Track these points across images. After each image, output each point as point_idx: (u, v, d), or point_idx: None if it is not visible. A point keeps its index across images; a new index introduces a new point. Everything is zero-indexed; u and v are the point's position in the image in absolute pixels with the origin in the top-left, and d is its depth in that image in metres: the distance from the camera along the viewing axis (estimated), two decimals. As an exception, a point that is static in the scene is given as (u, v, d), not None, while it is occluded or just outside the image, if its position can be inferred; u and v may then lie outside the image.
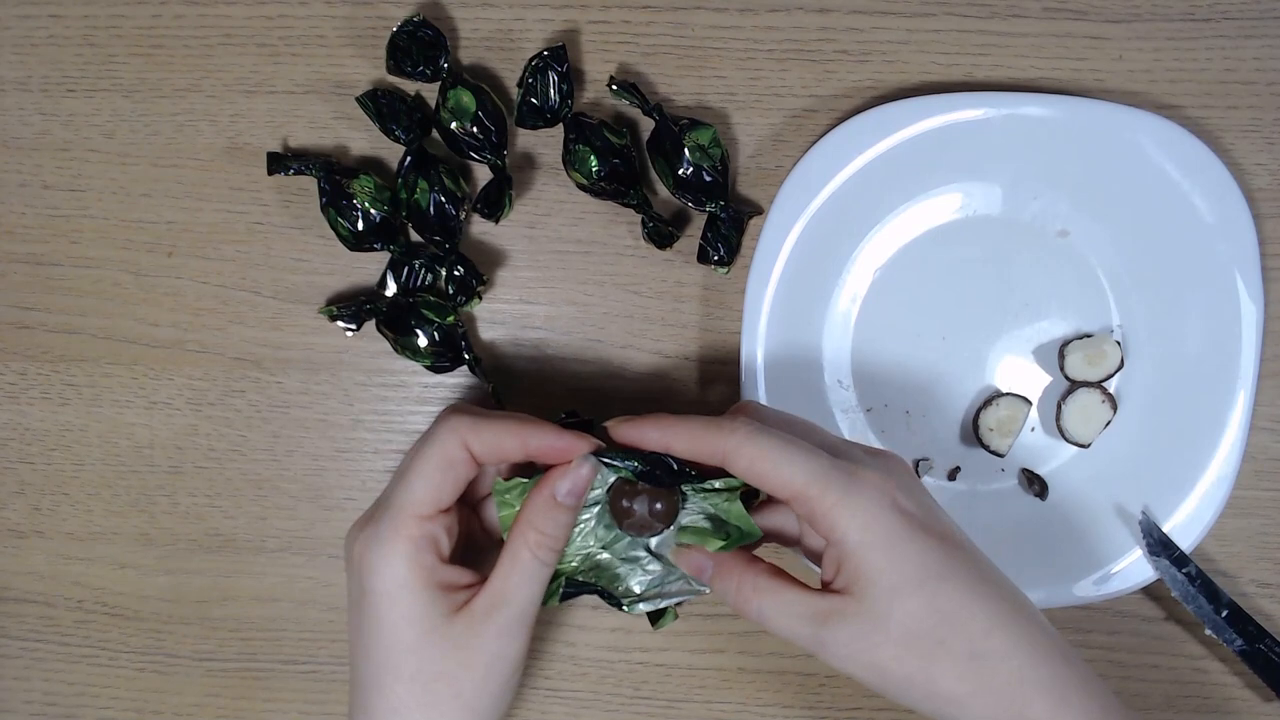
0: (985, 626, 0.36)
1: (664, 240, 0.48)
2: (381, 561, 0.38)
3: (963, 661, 0.36)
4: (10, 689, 0.53)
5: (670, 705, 0.51)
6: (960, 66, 0.49)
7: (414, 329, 0.48)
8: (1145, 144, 0.46)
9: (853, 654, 0.36)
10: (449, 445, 0.39)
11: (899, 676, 0.36)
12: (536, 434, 0.39)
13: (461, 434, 0.39)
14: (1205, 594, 0.47)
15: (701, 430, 0.38)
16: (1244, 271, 0.47)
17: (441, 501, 0.39)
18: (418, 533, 0.38)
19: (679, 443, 0.39)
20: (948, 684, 0.36)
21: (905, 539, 0.36)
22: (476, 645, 0.38)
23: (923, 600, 0.36)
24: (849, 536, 0.36)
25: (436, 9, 0.50)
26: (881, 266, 0.49)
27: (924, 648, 0.36)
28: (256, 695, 0.52)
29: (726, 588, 0.39)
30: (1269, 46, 0.48)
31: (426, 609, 0.38)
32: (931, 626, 0.36)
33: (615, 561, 0.42)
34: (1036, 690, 0.35)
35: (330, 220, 0.48)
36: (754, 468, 0.37)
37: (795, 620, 0.37)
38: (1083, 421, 0.48)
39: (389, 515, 0.38)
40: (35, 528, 0.52)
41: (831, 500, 0.36)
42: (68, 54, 0.51)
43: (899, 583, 0.36)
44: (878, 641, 0.36)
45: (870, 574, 0.36)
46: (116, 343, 0.51)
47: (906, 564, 0.36)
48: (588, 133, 0.47)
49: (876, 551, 0.36)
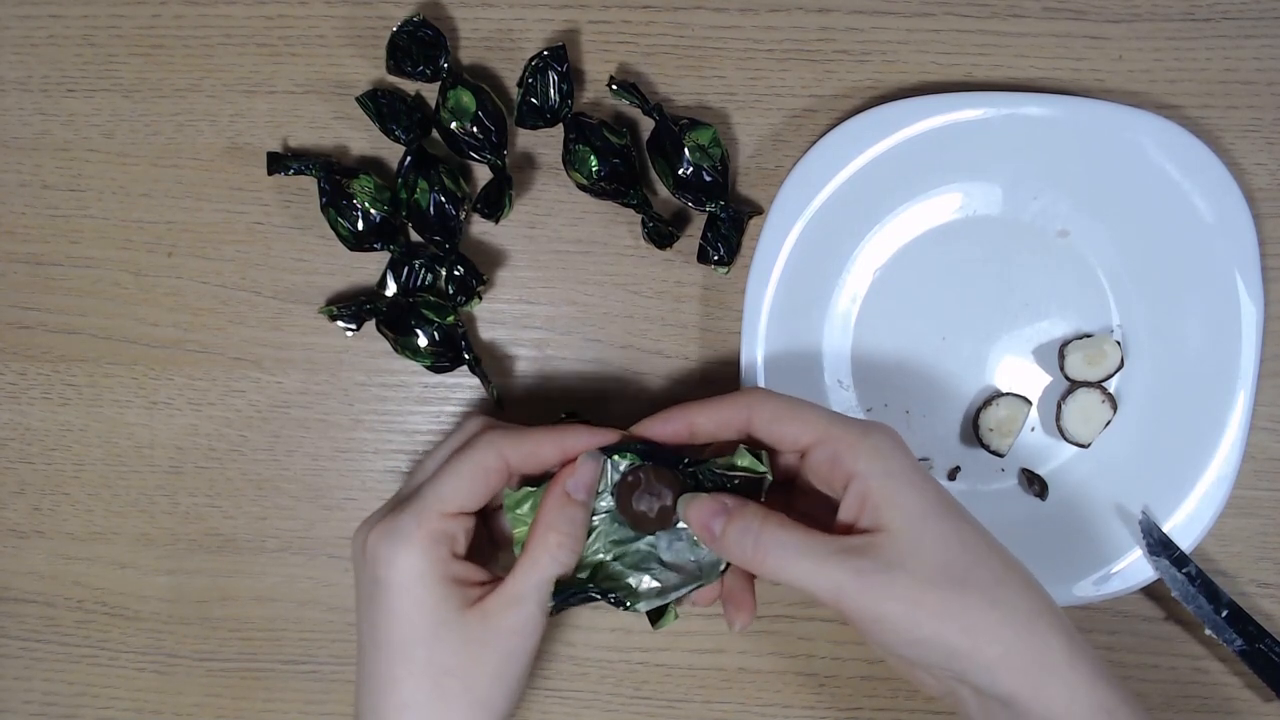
0: (1002, 562, 0.37)
1: (664, 240, 0.48)
2: (397, 553, 0.38)
3: (991, 589, 0.36)
4: (10, 689, 0.53)
5: (670, 705, 0.51)
6: (960, 66, 0.49)
7: (414, 329, 0.48)
8: (1145, 144, 0.46)
9: (886, 586, 0.35)
10: (487, 455, 0.39)
11: (931, 604, 0.35)
12: (572, 437, 0.41)
13: (500, 447, 0.39)
14: (1205, 594, 0.47)
15: (722, 400, 0.40)
16: (1244, 271, 0.47)
17: (468, 505, 0.39)
18: (438, 527, 0.38)
19: (703, 418, 0.40)
20: (979, 610, 0.36)
21: (922, 475, 0.38)
22: (490, 641, 0.38)
23: (951, 528, 0.37)
24: (874, 465, 0.37)
25: (436, 9, 0.50)
26: (881, 266, 0.49)
27: (955, 572, 0.36)
28: (256, 695, 0.52)
29: (742, 539, 0.38)
30: (1269, 46, 0.48)
31: (440, 601, 0.38)
32: (960, 553, 0.36)
33: (625, 571, 0.42)
34: (1050, 627, 0.36)
35: (330, 220, 0.48)
36: (777, 420, 0.39)
37: (825, 559, 0.36)
38: (1083, 421, 0.48)
39: (410, 509, 0.39)
40: (35, 528, 0.52)
41: (853, 438, 0.38)
42: (68, 54, 0.51)
43: (926, 509, 0.37)
44: (913, 567, 0.36)
45: (898, 501, 0.37)
46: (116, 343, 0.51)
47: (929, 494, 0.37)
48: (588, 133, 0.47)
49: (900, 481, 0.37)
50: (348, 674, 0.52)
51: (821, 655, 0.51)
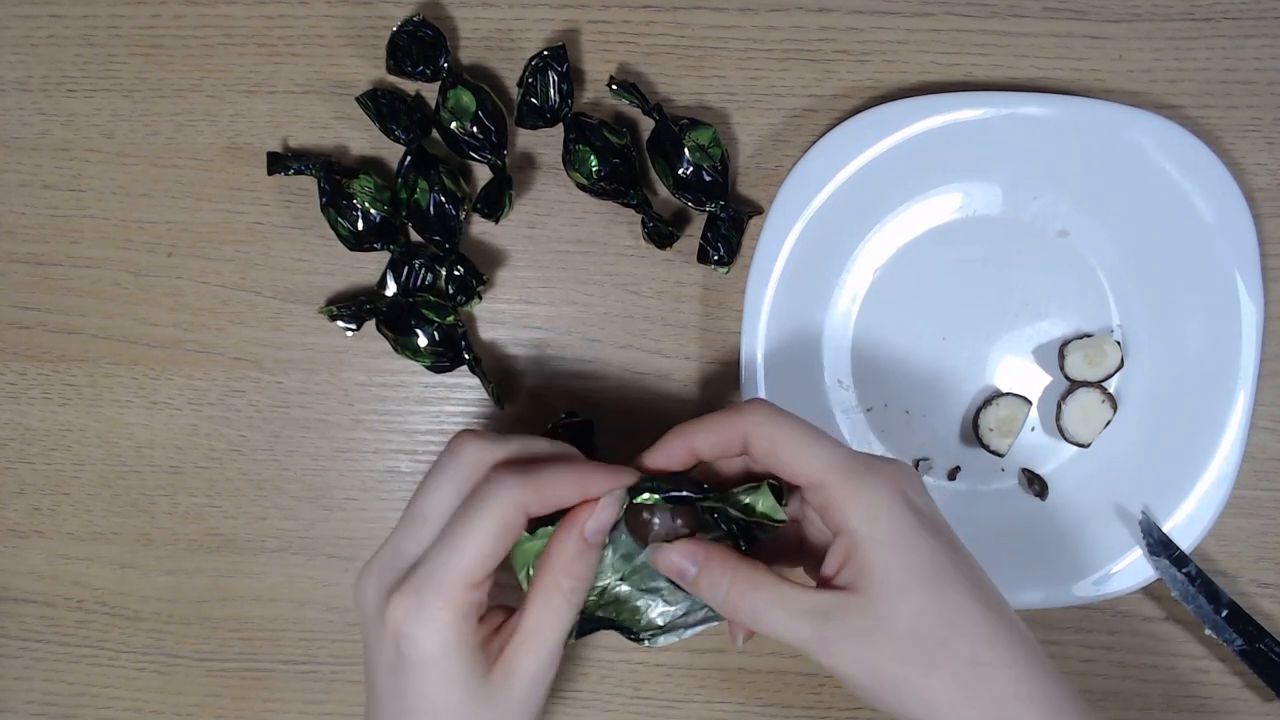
0: (986, 634, 0.35)
1: (664, 240, 0.48)
2: (426, 633, 0.36)
3: (963, 667, 0.35)
4: (10, 689, 0.53)
5: (670, 705, 0.51)
6: (960, 66, 0.49)
7: (414, 329, 0.48)
8: (1145, 144, 0.46)
9: (852, 651, 0.35)
10: (509, 512, 0.36)
11: (895, 677, 0.35)
12: (595, 480, 0.38)
13: (520, 501, 0.36)
14: (1205, 594, 0.47)
15: (720, 421, 0.38)
16: (1244, 271, 0.47)
17: (492, 568, 0.37)
18: (464, 601, 0.36)
19: (701, 441, 0.39)
20: (943, 689, 0.35)
21: (916, 535, 0.36)
22: (515, 694, 0.37)
23: (930, 599, 0.35)
24: (862, 528, 0.36)
25: (436, 9, 0.50)
26: (881, 266, 0.49)
27: (926, 648, 0.35)
28: (256, 695, 0.52)
29: (716, 585, 0.37)
30: (1269, 46, 0.48)
31: (468, 673, 0.36)
32: (936, 627, 0.35)
33: (635, 593, 0.41)
34: (1029, 706, 0.35)
35: (330, 220, 0.48)
36: (774, 450, 0.37)
37: (793, 617, 0.36)
38: (1083, 421, 0.48)
39: (434, 584, 0.36)
40: (35, 528, 0.52)
41: (848, 489, 0.36)
42: (68, 54, 0.51)
43: (908, 579, 0.35)
44: (880, 639, 0.35)
45: (879, 568, 0.35)
46: (116, 343, 0.51)
47: (916, 560, 0.36)
48: (588, 133, 0.47)
49: (887, 546, 0.35)
50: (348, 674, 0.52)
51: (821, 655, 0.51)
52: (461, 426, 0.51)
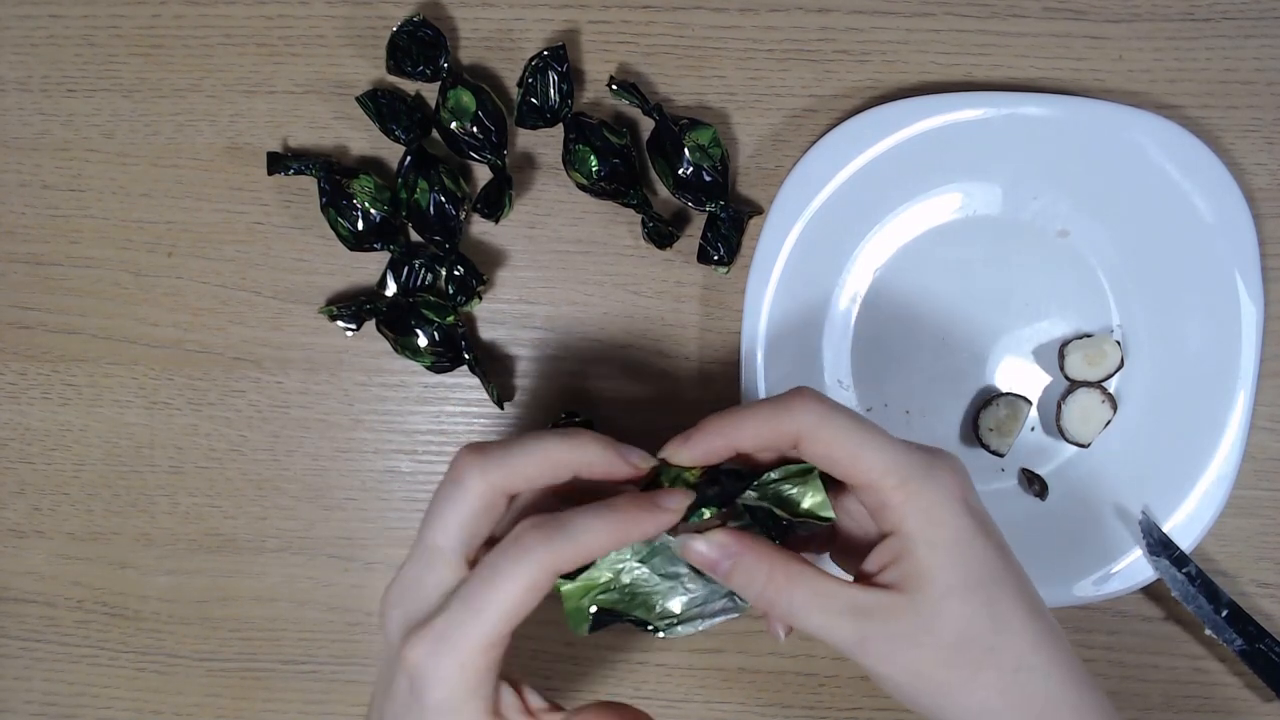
0: (1033, 641, 0.35)
1: (664, 240, 0.48)
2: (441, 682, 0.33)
3: (1008, 673, 0.34)
4: (10, 689, 0.53)
5: (670, 705, 0.51)
6: (960, 66, 0.49)
7: (414, 329, 0.48)
8: (1145, 144, 0.46)
9: (894, 653, 0.34)
10: (537, 576, 0.33)
11: (937, 681, 0.34)
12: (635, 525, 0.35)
13: (551, 565, 0.33)
14: (1205, 594, 0.47)
15: (768, 417, 0.36)
16: (1244, 271, 0.47)
17: (515, 626, 0.34)
18: (486, 661, 0.34)
19: (746, 439, 0.36)
20: (987, 695, 0.34)
21: (971, 539, 0.35)
22: None
23: (981, 604, 0.34)
24: (918, 531, 0.35)
25: (436, 9, 0.50)
26: (881, 266, 0.49)
27: (972, 654, 0.34)
28: (256, 695, 0.52)
29: (751, 580, 0.36)
30: (1269, 46, 0.48)
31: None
32: (984, 632, 0.34)
33: (653, 578, 0.38)
34: (1065, 712, 0.35)
35: (330, 220, 0.48)
36: (830, 453, 0.35)
37: (834, 615, 0.35)
38: (1083, 421, 0.48)
39: (451, 642, 0.33)
40: (35, 528, 0.52)
41: (907, 492, 0.35)
42: (68, 54, 0.51)
43: (961, 586, 0.34)
44: (924, 642, 0.34)
45: (933, 573, 0.34)
46: (116, 343, 0.51)
47: (969, 565, 0.35)
48: (588, 133, 0.47)
49: (943, 551, 0.34)
50: (348, 674, 0.52)
51: (821, 655, 0.51)
52: (461, 426, 0.51)
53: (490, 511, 0.35)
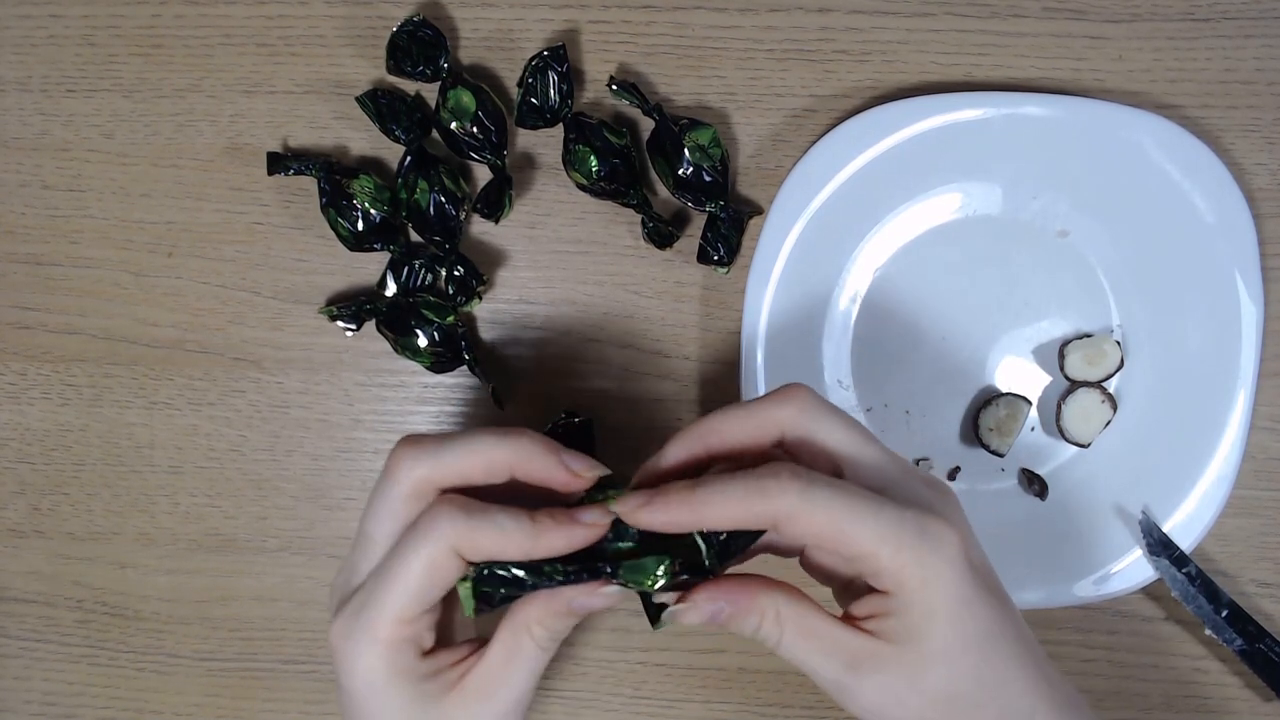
0: (1021, 690, 0.35)
1: (664, 240, 0.48)
2: (358, 663, 0.35)
3: None
4: (10, 689, 0.53)
5: (670, 705, 0.51)
6: (960, 66, 0.49)
7: (414, 329, 0.48)
8: (1145, 144, 0.46)
9: (878, 704, 0.34)
10: (438, 553, 0.34)
11: None
12: (546, 538, 0.34)
13: (453, 543, 0.34)
14: (1205, 594, 0.47)
15: (741, 497, 0.33)
16: (1244, 271, 0.47)
17: (426, 605, 0.35)
18: (396, 636, 0.35)
19: (715, 519, 0.34)
20: None
21: (970, 600, 0.34)
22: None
23: (971, 664, 0.34)
24: (915, 596, 0.33)
25: (436, 9, 0.50)
26: (881, 266, 0.49)
27: (958, 710, 0.34)
28: (256, 695, 0.52)
29: (747, 622, 0.35)
30: (1269, 46, 0.48)
31: (407, 702, 0.35)
32: (972, 690, 0.34)
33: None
34: None
35: (330, 220, 0.48)
36: (816, 533, 0.33)
37: (823, 658, 0.35)
38: (1083, 421, 0.48)
39: (365, 618, 0.35)
40: (35, 528, 0.52)
41: (903, 560, 0.33)
42: (68, 54, 0.51)
43: (955, 647, 0.34)
44: (908, 697, 0.34)
45: (928, 634, 0.34)
46: (116, 343, 0.51)
47: (965, 628, 0.34)
48: (588, 133, 0.47)
49: (941, 615, 0.33)
50: (348, 674, 0.52)
51: (821, 655, 0.51)
52: (461, 427, 0.51)
53: (418, 502, 0.36)
